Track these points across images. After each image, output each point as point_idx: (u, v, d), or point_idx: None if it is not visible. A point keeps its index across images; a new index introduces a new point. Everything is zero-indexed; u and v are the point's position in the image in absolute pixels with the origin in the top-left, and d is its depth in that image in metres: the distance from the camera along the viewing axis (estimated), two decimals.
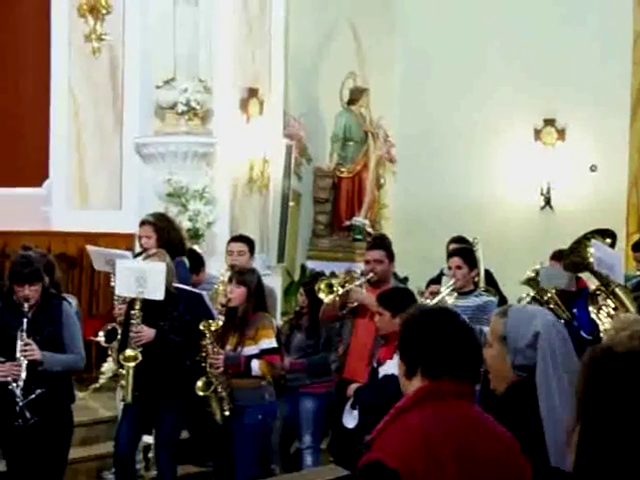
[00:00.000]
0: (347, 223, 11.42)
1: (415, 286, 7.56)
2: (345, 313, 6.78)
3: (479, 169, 11.71)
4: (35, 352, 5.35)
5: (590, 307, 5.81)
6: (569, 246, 6.07)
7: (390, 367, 5.33)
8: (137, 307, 5.99)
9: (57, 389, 5.51)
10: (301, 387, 6.97)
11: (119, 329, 6.35)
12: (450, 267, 6.72)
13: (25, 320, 5.37)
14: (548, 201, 11.51)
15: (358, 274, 7.11)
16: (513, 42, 11.52)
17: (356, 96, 11.49)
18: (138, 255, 7.05)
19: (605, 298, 5.67)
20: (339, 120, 11.44)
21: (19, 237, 8.52)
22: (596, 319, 5.72)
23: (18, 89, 10.28)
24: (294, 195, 10.72)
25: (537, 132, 11.57)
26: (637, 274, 7.65)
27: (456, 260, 6.69)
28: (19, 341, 5.35)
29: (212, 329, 6.09)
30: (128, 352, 5.95)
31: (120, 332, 6.30)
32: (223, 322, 6.19)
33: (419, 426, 2.46)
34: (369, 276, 6.69)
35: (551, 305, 6.95)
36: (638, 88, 11.08)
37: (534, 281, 7.28)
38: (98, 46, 9.47)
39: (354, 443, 5.71)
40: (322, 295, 6.64)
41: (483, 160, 11.71)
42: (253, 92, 9.58)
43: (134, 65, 9.41)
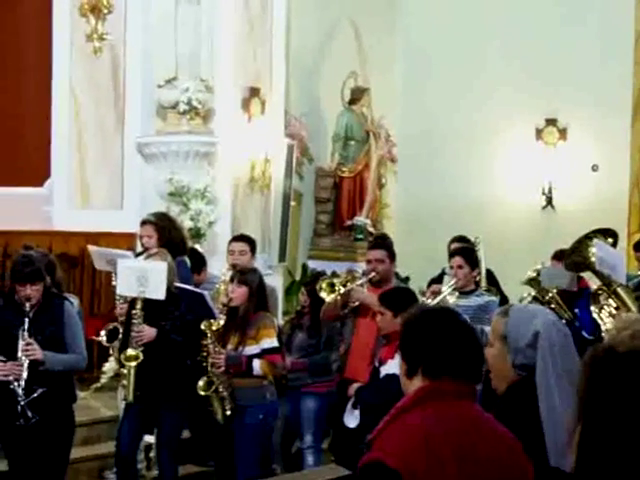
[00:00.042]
0: (348, 223, 11.41)
1: (416, 286, 7.56)
2: (346, 312, 6.76)
3: (480, 169, 11.71)
4: (37, 352, 5.35)
5: (592, 307, 5.81)
6: (571, 246, 6.07)
7: (391, 367, 5.32)
8: (138, 307, 5.98)
9: (58, 389, 5.51)
10: (302, 387, 6.96)
11: (120, 329, 6.35)
12: (451, 267, 6.73)
13: (27, 320, 5.37)
14: (549, 201, 11.50)
15: (359, 274, 7.11)
16: (514, 42, 11.52)
17: (357, 96, 11.48)
18: (139, 255, 7.03)
19: (607, 298, 5.67)
20: (340, 120, 11.43)
21: (20, 237, 8.51)
22: (598, 319, 5.72)
23: (19, 89, 10.28)
24: (295, 195, 10.72)
25: (539, 132, 11.57)
26: (639, 274, 7.64)
27: (457, 260, 6.69)
28: (21, 341, 5.35)
29: (213, 329, 6.08)
30: (129, 352, 5.95)
31: (121, 332, 6.30)
32: (224, 322, 6.19)
33: (420, 426, 2.46)
34: (370, 276, 6.68)
35: (552, 305, 6.94)
36: (639, 88, 11.09)
37: (535, 281, 7.27)
38: (99, 46, 9.49)
39: (355, 443, 5.70)
40: (323, 294, 6.63)
41: (485, 160, 11.71)
42: (254, 91, 9.58)
43: (135, 64, 9.42)
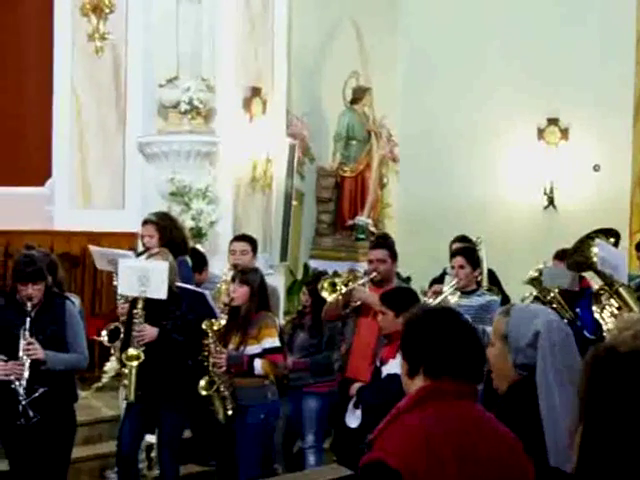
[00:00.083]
0: (350, 222, 11.40)
1: (418, 285, 7.56)
2: (348, 312, 6.76)
3: (482, 168, 11.70)
4: (38, 351, 5.35)
5: (594, 307, 5.80)
6: (572, 245, 6.06)
7: (393, 366, 5.32)
8: (140, 306, 5.98)
9: (60, 388, 5.51)
10: (304, 386, 6.96)
11: (122, 328, 6.34)
12: (453, 266, 6.72)
13: (28, 319, 5.37)
14: (551, 201, 11.50)
15: (361, 273, 7.10)
16: (515, 42, 11.51)
17: (359, 95, 11.47)
18: (141, 254, 7.03)
19: (609, 298, 5.66)
20: (342, 119, 11.41)
21: (22, 236, 8.51)
22: (599, 319, 5.71)
23: (21, 88, 10.28)
24: (297, 194, 10.72)
25: (540, 131, 11.56)
26: None
27: (459, 259, 6.69)
28: (22, 340, 5.35)
29: (215, 328, 6.08)
30: (131, 351, 5.95)
31: (123, 331, 6.29)
32: (226, 321, 6.19)
33: (420, 426, 2.46)
34: (372, 275, 6.67)
35: (554, 304, 6.93)
36: None
37: (537, 280, 7.27)
38: (101, 45, 9.49)
39: (357, 442, 5.69)
40: (325, 294, 6.62)
41: (486, 159, 11.70)
42: (256, 91, 9.58)
43: (137, 64, 9.41)
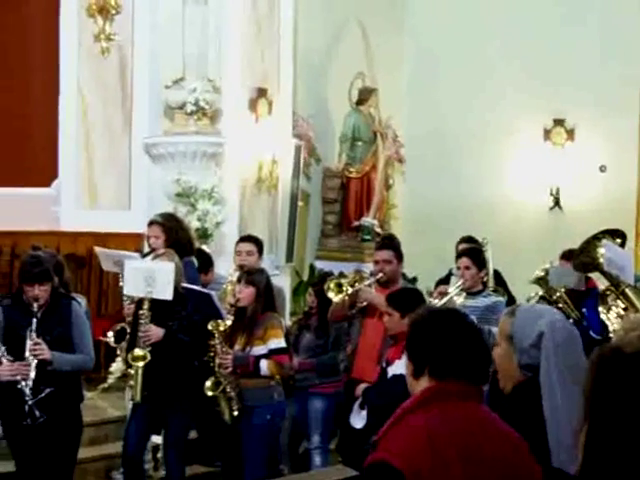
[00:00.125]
0: (356, 223, 11.40)
1: (424, 286, 7.55)
2: (354, 313, 6.76)
3: (488, 169, 11.69)
4: (44, 352, 5.36)
5: (600, 307, 5.79)
6: (579, 246, 6.05)
7: (399, 367, 5.31)
8: (146, 307, 5.98)
9: (66, 389, 5.52)
10: (310, 387, 6.95)
11: (128, 329, 6.34)
12: (459, 267, 6.71)
13: (34, 320, 5.38)
14: (557, 201, 11.48)
15: (367, 274, 7.10)
16: (519, 42, 11.49)
17: (365, 96, 11.47)
18: (146, 255, 7.03)
19: (615, 298, 5.66)
20: (348, 120, 11.41)
21: (28, 237, 8.53)
22: (606, 319, 5.70)
23: (27, 89, 10.30)
24: (303, 195, 10.71)
25: (547, 132, 11.54)
26: None
27: (465, 260, 6.68)
28: (28, 341, 5.35)
29: (221, 329, 6.08)
30: (137, 352, 5.95)
31: (129, 332, 6.30)
32: (232, 322, 6.19)
33: (424, 427, 2.46)
34: (378, 276, 6.66)
35: (560, 304, 6.92)
36: None
37: (543, 280, 7.25)
38: (107, 46, 9.50)
39: (362, 443, 5.68)
40: (331, 295, 6.61)
41: (492, 160, 11.69)
42: (262, 92, 9.58)
43: (143, 65, 9.43)
